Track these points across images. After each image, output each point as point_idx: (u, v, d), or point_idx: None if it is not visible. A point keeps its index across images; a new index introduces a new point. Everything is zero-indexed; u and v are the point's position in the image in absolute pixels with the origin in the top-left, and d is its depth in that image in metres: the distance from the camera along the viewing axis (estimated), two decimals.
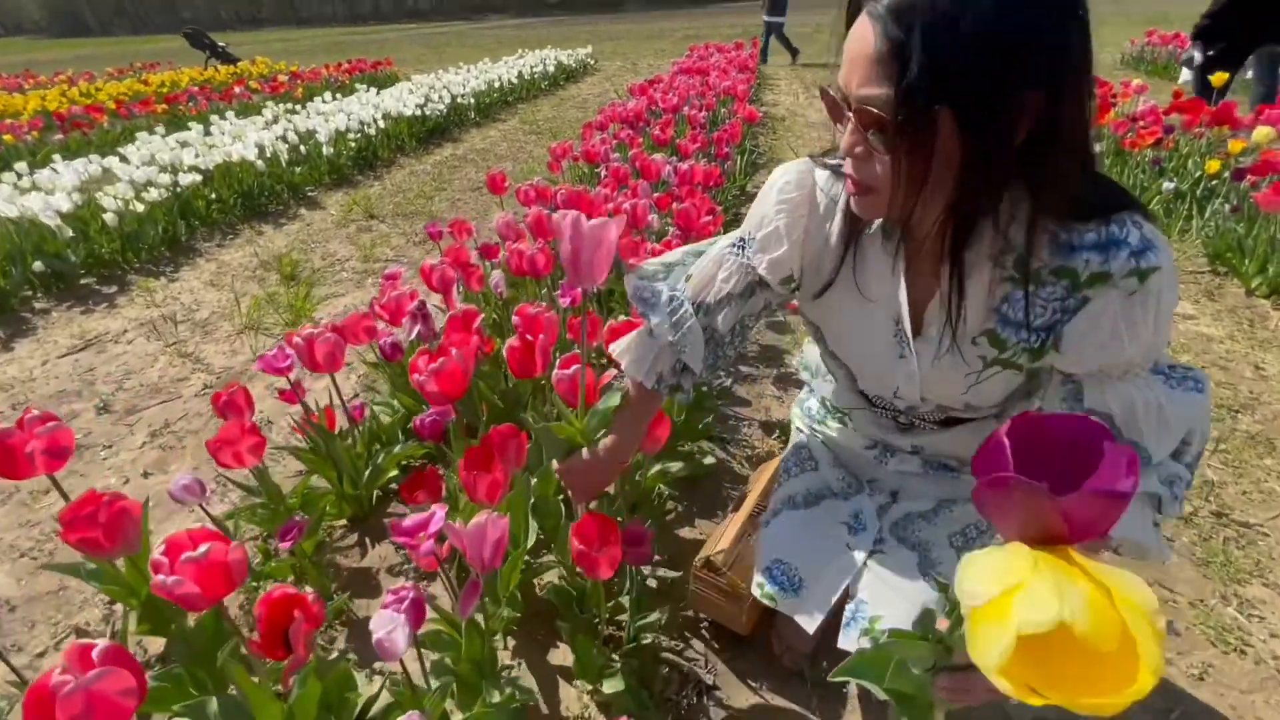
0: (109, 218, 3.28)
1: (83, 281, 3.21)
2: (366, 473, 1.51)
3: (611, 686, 1.05)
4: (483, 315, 1.50)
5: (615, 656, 1.10)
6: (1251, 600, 1.30)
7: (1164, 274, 0.60)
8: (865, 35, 0.56)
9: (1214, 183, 3.14)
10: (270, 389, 2.16)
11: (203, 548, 0.76)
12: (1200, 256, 2.83)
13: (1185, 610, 1.28)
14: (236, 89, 8.17)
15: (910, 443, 0.93)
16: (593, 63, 11.91)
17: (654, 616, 1.13)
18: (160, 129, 5.16)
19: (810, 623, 0.88)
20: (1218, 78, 4.51)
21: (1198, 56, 4.45)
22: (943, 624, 0.52)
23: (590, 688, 1.13)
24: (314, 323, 2.65)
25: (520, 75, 8.82)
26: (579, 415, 0.97)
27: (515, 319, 1.34)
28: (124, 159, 4.13)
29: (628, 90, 5.71)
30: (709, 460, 1.64)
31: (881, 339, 0.77)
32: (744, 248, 0.83)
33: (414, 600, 0.83)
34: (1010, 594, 0.35)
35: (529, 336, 1.29)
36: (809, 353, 1.09)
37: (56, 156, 4.38)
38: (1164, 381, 0.66)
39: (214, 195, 4.00)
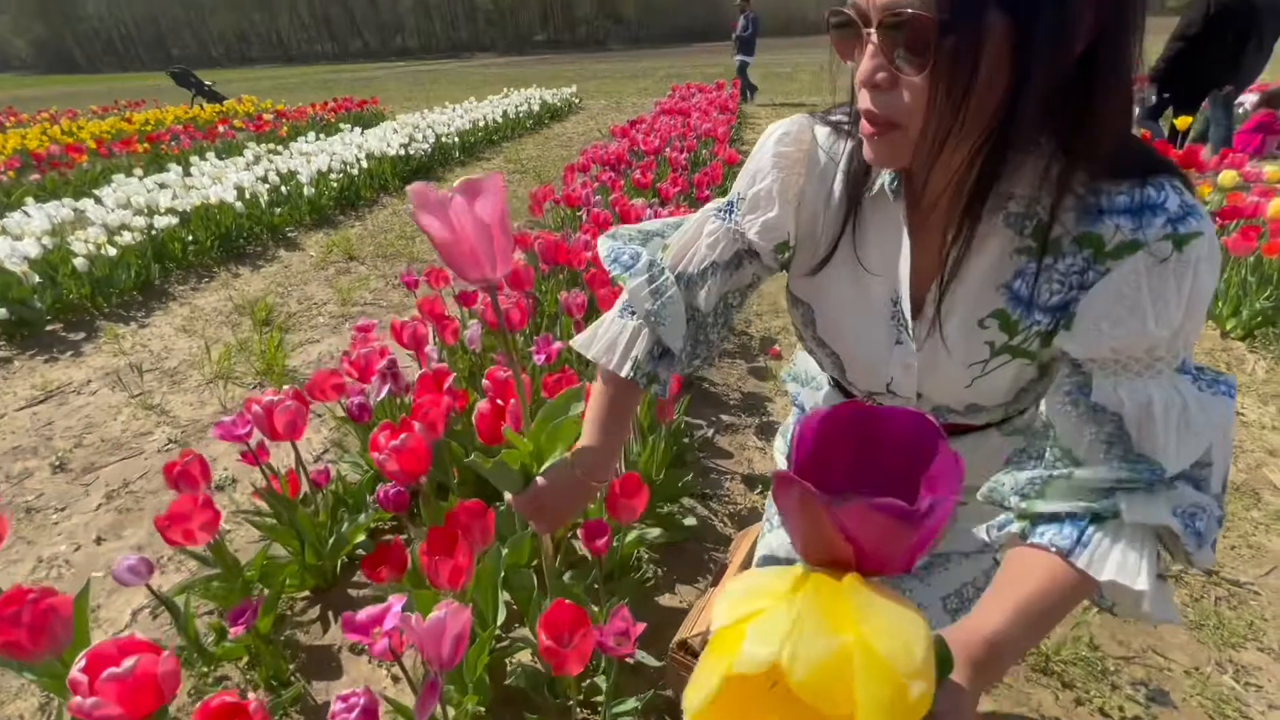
0: (79, 262, 3.21)
1: (49, 328, 3.12)
2: (330, 541, 1.44)
3: None
4: (454, 375, 1.46)
5: None
6: (1247, 667, 1.27)
7: (1205, 243, 0.49)
8: None
9: None
10: (231, 447, 2.08)
11: (127, 662, 0.69)
12: None
13: (1181, 680, 1.24)
14: (221, 128, 8.17)
15: None
16: (577, 101, 12.11)
17: (631, 704, 1.06)
18: (139, 171, 5.10)
19: None
20: (1181, 121, 4.67)
21: (1153, 99, 4.61)
22: None
23: None
24: (286, 372, 2.58)
25: (505, 114, 8.93)
26: (526, 431, 0.75)
27: (486, 383, 1.30)
28: (99, 201, 4.08)
29: (610, 131, 5.79)
30: (689, 522, 1.59)
31: (878, 320, 0.66)
32: (731, 211, 0.71)
33: (364, 709, 0.77)
34: (745, 621, 0.27)
35: (499, 401, 1.25)
36: (799, 361, 0.96)
37: (30, 199, 4.31)
38: (1191, 382, 0.52)
39: (190, 238, 3.94)
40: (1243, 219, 2.68)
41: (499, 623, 1.17)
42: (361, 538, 1.54)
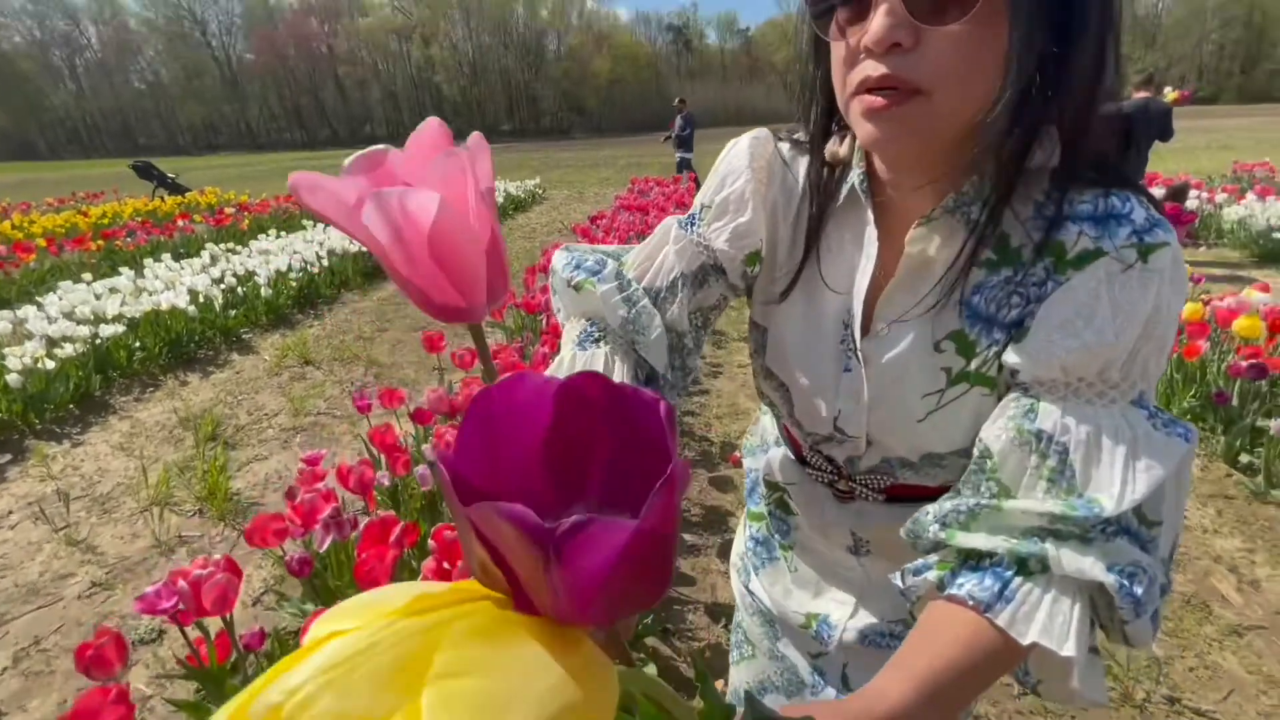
0: (12, 378, 3.07)
1: None
2: None
3: None
4: (401, 525, 1.41)
5: None
6: None
7: (1171, 256, 0.45)
8: None
9: None
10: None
11: None
12: None
13: None
14: (180, 222, 8.16)
15: (851, 532, 0.70)
16: (540, 192, 12.52)
17: None
18: (88, 275, 5.01)
19: None
20: None
21: None
22: None
23: None
24: (229, 496, 2.46)
25: None
26: None
27: (431, 542, 1.25)
28: (41, 308, 3.97)
29: (571, 228, 5.97)
30: (650, 669, 1.52)
31: (828, 343, 0.61)
32: (694, 222, 0.64)
33: None
34: (310, 647, 0.18)
35: (445, 564, 1.20)
36: (754, 430, 0.87)
37: None
38: (1147, 418, 0.47)
39: (138, 344, 3.83)
40: None
41: None
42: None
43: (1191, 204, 6.63)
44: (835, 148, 0.58)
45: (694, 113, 10.73)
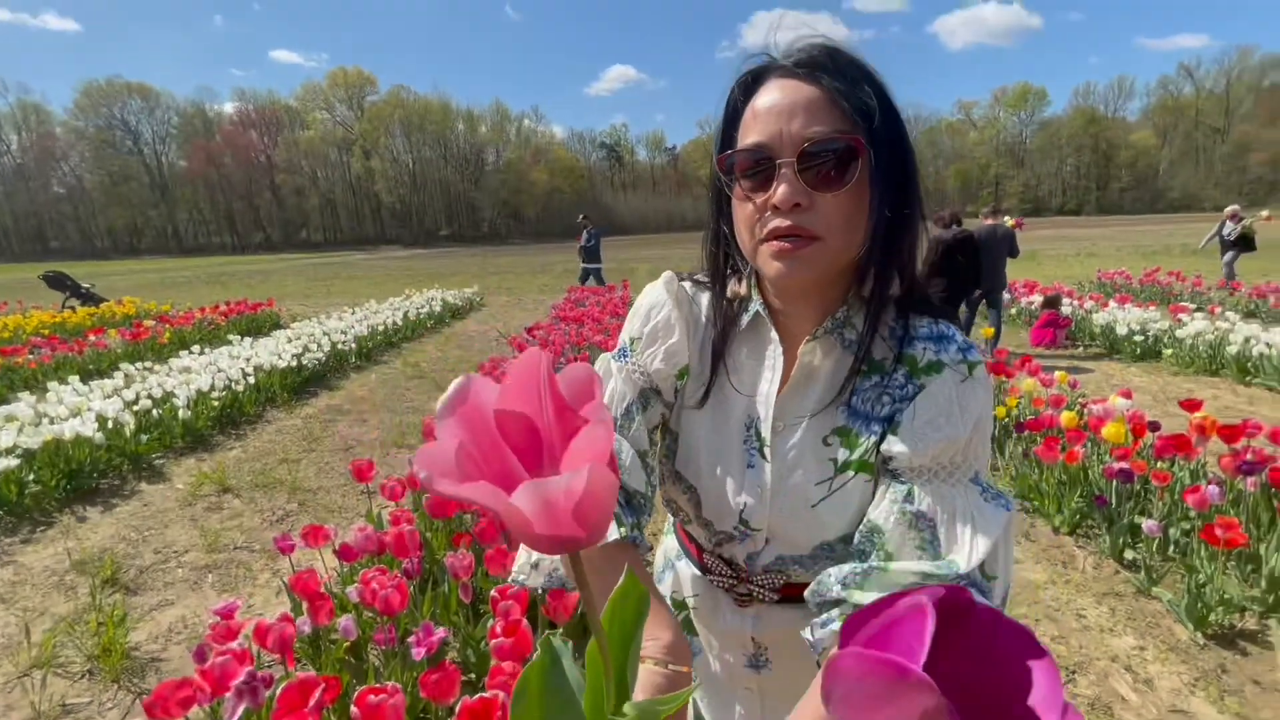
0: None
1: None
2: None
3: None
4: (321, 688, 1.36)
5: None
6: None
7: (984, 370, 0.66)
8: (799, 89, 0.61)
9: (1006, 422, 3.74)
10: None
11: None
12: (1012, 497, 3.26)
13: None
14: (92, 337, 7.77)
15: (751, 638, 0.78)
16: (479, 300, 12.73)
17: None
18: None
19: None
20: (987, 331, 5.72)
21: None
22: None
23: None
24: (127, 653, 2.25)
25: (406, 316, 9.20)
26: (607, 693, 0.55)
27: (354, 710, 1.23)
28: None
29: (509, 342, 6.10)
30: None
31: (733, 443, 0.71)
32: (625, 354, 0.74)
33: None
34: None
35: None
36: (658, 555, 0.94)
37: None
38: (980, 492, 0.62)
39: (32, 477, 3.56)
40: (1046, 429, 3.19)
41: None
42: None
43: (1066, 310, 7.49)
44: (735, 286, 0.74)
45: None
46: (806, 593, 0.64)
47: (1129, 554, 2.60)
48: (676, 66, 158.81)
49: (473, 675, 1.95)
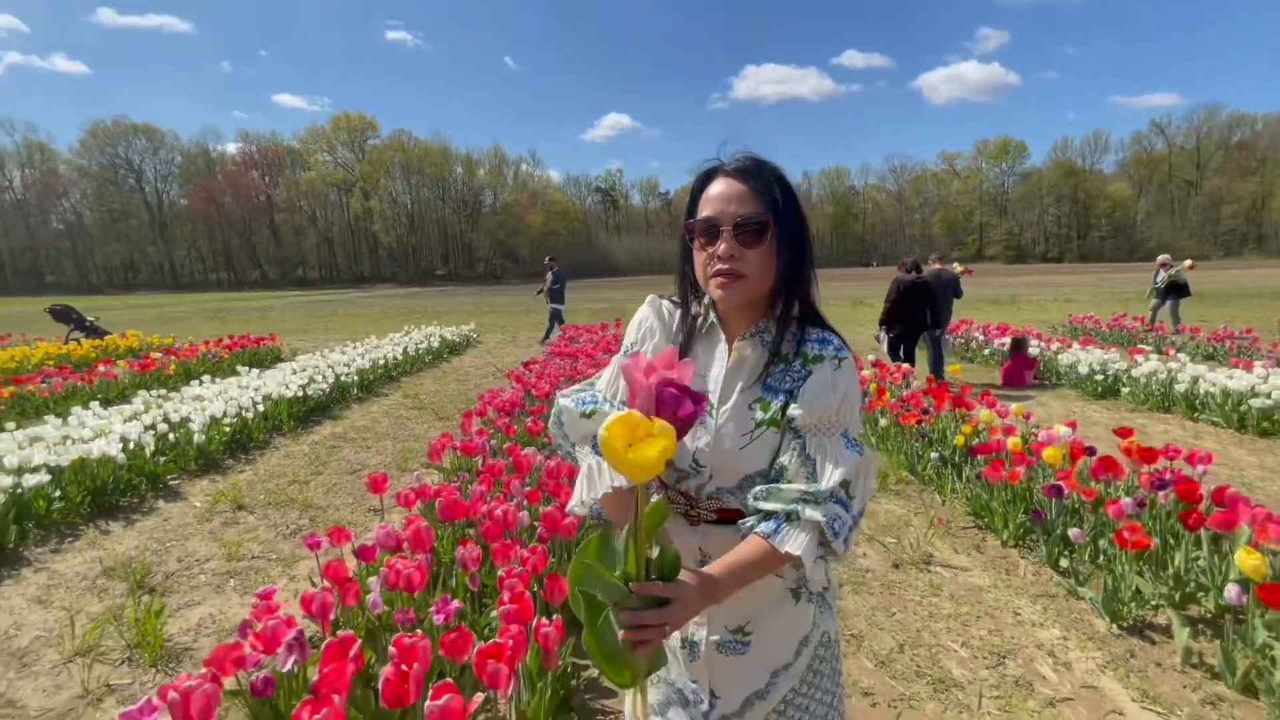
0: None
1: None
2: None
3: None
4: (359, 642, 1.65)
5: None
6: None
7: (850, 365, 1.01)
8: (735, 186, 0.98)
9: (963, 448, 4.07)
10: None
11: None
12: (967, 515, 3.58)
13: None
14: (101, 368, 8.03)
15: (698, 548, 1.05)
16: (475, 336, 13.08)
17: None
18: (11, 424, 4.92)
19: None
20: (955, 369, 6.15)
21: (883, 337, 7.24)
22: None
23: None
24: (164, 643, 2.50)
25: (405, 351, 9.52)
26: (635, 565, 0.79)
27: (391, 649, 1.52)
28: None
29: (506, 375, 6.42)
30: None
31: None
32: (628, 352, 1.11)
33: None
34: (617, 439, 0.70)
35: (404, 666, 1.46)
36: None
37: None
38: (845, 443, 0.97)
39: (58, 494, 3.81)
40: (993, 453, 3.53)
41: None
42: None
43: (1034, 351, 7.91)
44: (696, 308, 1.12)
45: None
46: (741, 504, 1.00)
47: (1064, 562, 2.91)
48: (670, 116, 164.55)
49: None
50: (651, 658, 0.81)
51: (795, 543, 0.91)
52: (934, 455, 4.09)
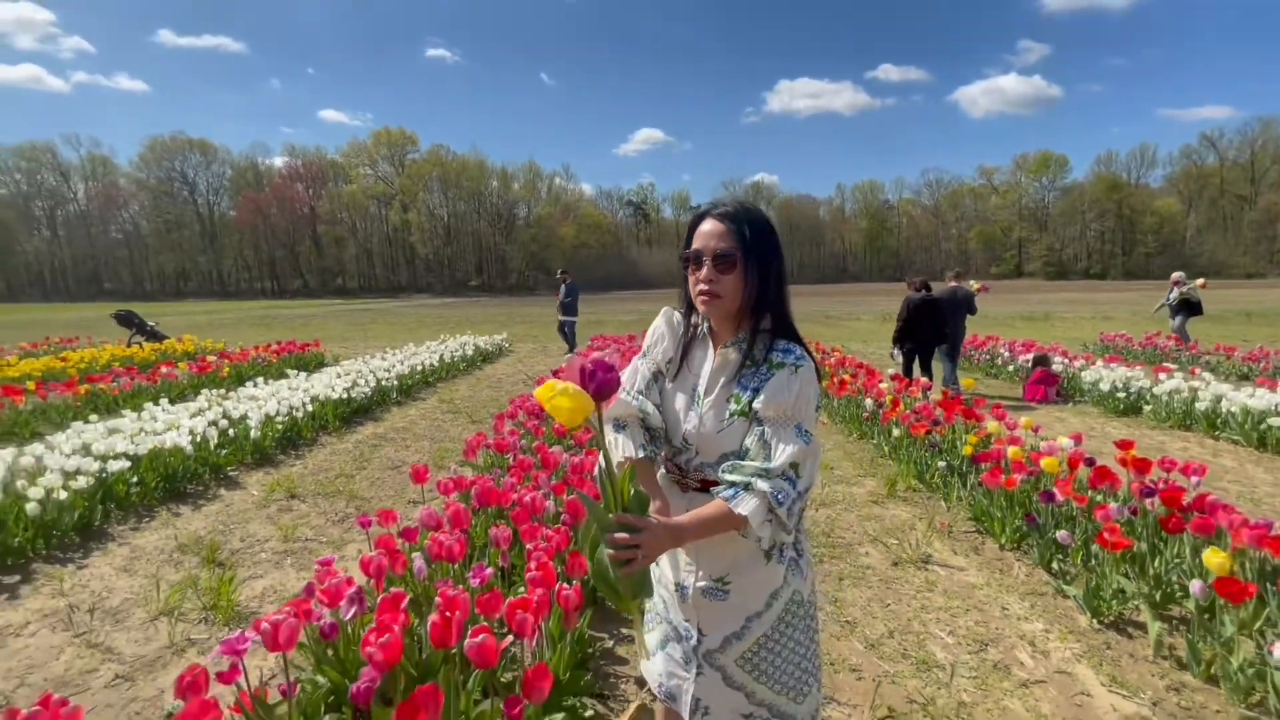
0: (31, 507, 3.46)
1: None
2: None
3: None
4: (409, 597, 1.95)
5: None
6: None
7: (807, 371, 1.24)
8: (716, 225, 1.25)
9: (969, 456, 4.23)
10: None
11: None
12: (969, 520, 3.75)
13: None
14: (163, 369, 8.65)
15: (686, 509, 1.28)
16: (507, 345, 13.53)
17: None
18: (94, 416, 5.43)
19: (678, 707, 1.39)
20: (968, 382, 6.29)
21: (897, 353, 7.61)
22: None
23: None
24: (234, 607, 2.85)
25: (442, 358, 9.97)
26: (613, 502, 1.11)
27: (437, 599, 1.81)
28: (49, 448, 4.38)
29: (537, 382, 6.75)
30: (589, 714, 2.01)
31: (686, 400, 1.34)
32: (646, 354, 1.43)
33: None
34: (548, 393, 0.96)
35: (449, 614, 1.76)
36: None
37: None
38: (797, 432, 1.21)
39: (136, 480, 4.24)
40: (993, 461, 3.70)
41: None
42: None
43: (1057, 367, 7.94)
44: (695, 318, 1.40)
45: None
46: (717, 476, 1.28)
47: (1056, 564, 3.08)
48: (703, 130, 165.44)
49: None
50: (636, 584, 1.09)
51: (746, 506, 1.16)
52: (941, 464, 4.26)
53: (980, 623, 2.69)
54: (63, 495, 3.67)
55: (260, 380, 7.24)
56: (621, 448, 1.33)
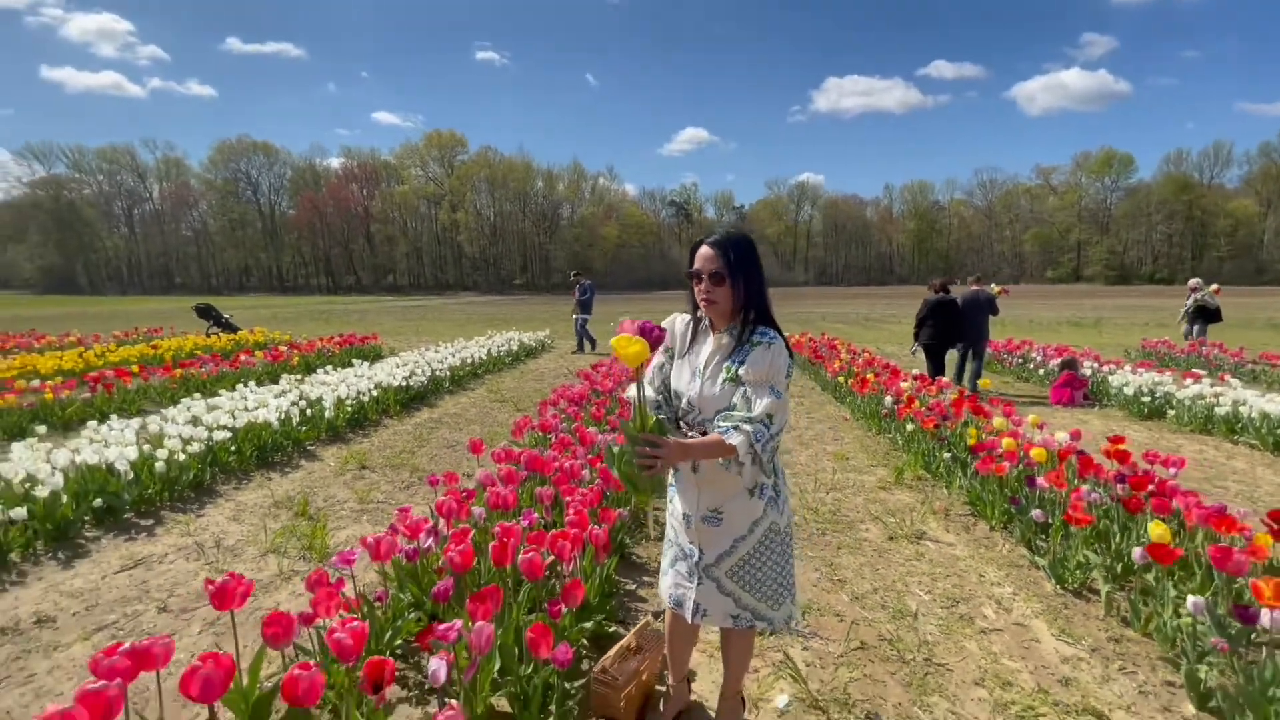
0: (159, 465, 4.18)
1: (126, 517, 3.96)
2: (388, 633, 2.31)
3: None
4: (474, 531, 2.48)
5: None
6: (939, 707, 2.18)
7: (777, 347, 1.67)
8: (709, 251, 1.70)
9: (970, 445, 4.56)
10: (293, 595, 2.93)
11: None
12: (965, 505, 4.10)
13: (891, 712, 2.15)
14: (243, 357, 9.57)
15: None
16: (549, 342, 14.18)
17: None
18: (197, 395, 6.24)
19: (683, 612, 1.88)
20: (985, 382, 6.57)
21: (917, 349, 8.22)
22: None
23: None
24: (327, 548, 3.47)
25: (490, 352, 10.66)
26: (641, 426, 1.58)
27: (496, 529, 2.34)
28: (165, 419, 5.15)
29: (577, 374, 7.29)
30: (611, 629, 2.51)
31: (690, 373, 1.79)
32: (664, 351, 1.90)
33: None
34: (617, 345, 1.46)
35: (505, 540, 2.28)
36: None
37: (93, 416, 5.34)
38: (769, 391, 1.63)
39: (235, 449, 4.96)
40: (987, 450, 4.04)
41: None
42: (413, 629, 2.40)
43: (1086, 371, 8.06)
44: (699, 314, 1.88)
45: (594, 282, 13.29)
46: (716, 420, 1.73)
47: (1036, 542, 3.42)
48: (748, 129, 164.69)
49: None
50: (654, 484, 1.58)
51: (734, 439, 1.63)
52: (946, 455, 4.60)
53: (956, 586, 3.08)
54: (181, 457, 4.38)
55: (329, 368, 8.01)
56: (638, 394, 1.84)
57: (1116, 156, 76.74)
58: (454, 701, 1.58)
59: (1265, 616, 2.01)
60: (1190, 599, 2.29)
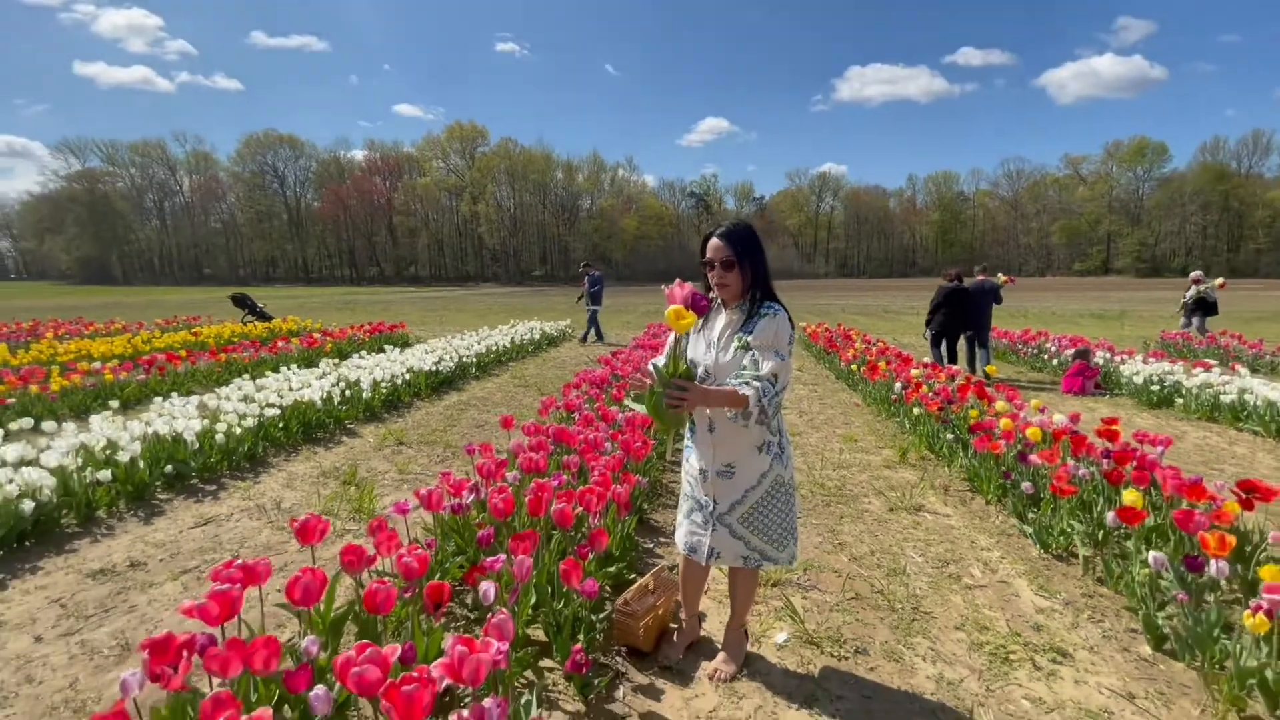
0: (219, 438, 4.59)
1: (192, 482, 4.38)
2: (437, 574, 2.65)
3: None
4: (510, 489, 2.81)
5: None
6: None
7: (781, 316, 2.01)
8: (719, 242, 2.04)
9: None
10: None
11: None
12: (964, 480, 4.34)
13: (878, 647, 2.44)
14: (279, 343, 10.06)
15: (708, 416, 2.11)
16: (570, 332, 14.54)
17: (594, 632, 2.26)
18: (246, 376, 6.69)
19: (698, 557, 2.19)
20: (991, 369, 6.76)
21: (928, 334, 8.70)
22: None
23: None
24: (374, 512, 3.84)
25: (513, 340, 11.04)
26: (672, 371, 1.90)
27: (532, 485, 2.67)
28: (219, 397, 5.58)
29: (598, 360, 7.61)
30: (631, 577, 2.83)
31: (706, 345, 2.09)
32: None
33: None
34: (671, 316, 1.78)
35: (539, 495, 2.61)
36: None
37: (154, 395, 5.78)
38: (775, 355, 1.95)
39: (283, 425, 5.37)
40: (983, 430, 4.27)
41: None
42: (457, 574, 2.75)
43: (1098, 361, 8.18)
44: (713, 295, 2.19)
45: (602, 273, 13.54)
46: (730, 378, 2.07)
47: (1027, 514, 3.66)
48: (769, 119, 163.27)
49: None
50: (679, 420, 1.90)
51: (747, 390, 1.93)
52: (949, 436, 4.84)
53: (949, 550, 3.35)
54: (237, 430, 4.79)
55: (362, 353, 8.43)
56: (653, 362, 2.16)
57: (1150, 145, 74.78)
58: (503, 609, 1.90)
59: (1212, 566, 2.26)
60: (1151, 554, 2.54)
